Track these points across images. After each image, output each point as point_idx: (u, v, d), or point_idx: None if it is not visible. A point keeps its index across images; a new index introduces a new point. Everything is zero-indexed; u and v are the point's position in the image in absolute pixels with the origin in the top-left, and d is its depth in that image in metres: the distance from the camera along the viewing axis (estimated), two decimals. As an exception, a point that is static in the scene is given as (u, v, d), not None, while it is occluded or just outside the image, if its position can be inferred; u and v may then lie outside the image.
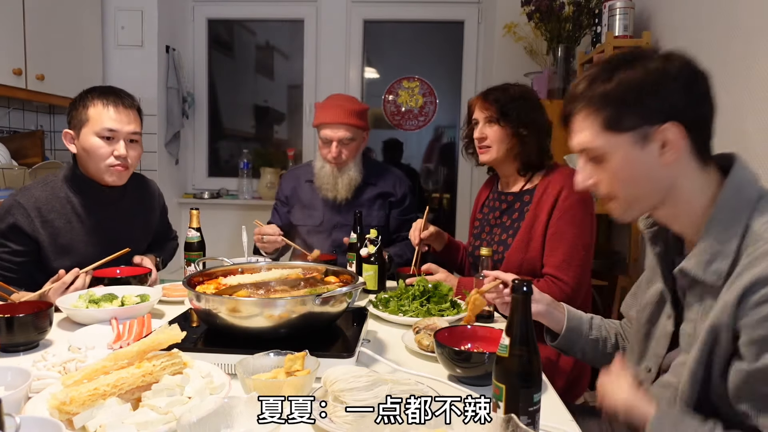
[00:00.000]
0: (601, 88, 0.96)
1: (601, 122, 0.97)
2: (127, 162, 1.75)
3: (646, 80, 0.93)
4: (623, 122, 0.95)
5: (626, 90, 0.95)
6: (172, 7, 3.68)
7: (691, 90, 0.94)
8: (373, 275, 1.84)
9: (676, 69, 0.94)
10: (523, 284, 0.89)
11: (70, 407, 0.88)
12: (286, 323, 1.17)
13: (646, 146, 0.95)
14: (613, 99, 0.95)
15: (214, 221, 3.72)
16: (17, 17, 2.57)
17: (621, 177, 0.99)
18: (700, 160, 0.97)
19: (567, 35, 3.09)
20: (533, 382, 0.88)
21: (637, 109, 0.94)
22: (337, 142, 2.24)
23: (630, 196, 1.01)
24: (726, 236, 0.92)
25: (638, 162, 0.96)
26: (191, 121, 3.95)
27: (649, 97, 0.94)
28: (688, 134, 0.94)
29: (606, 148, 0.98)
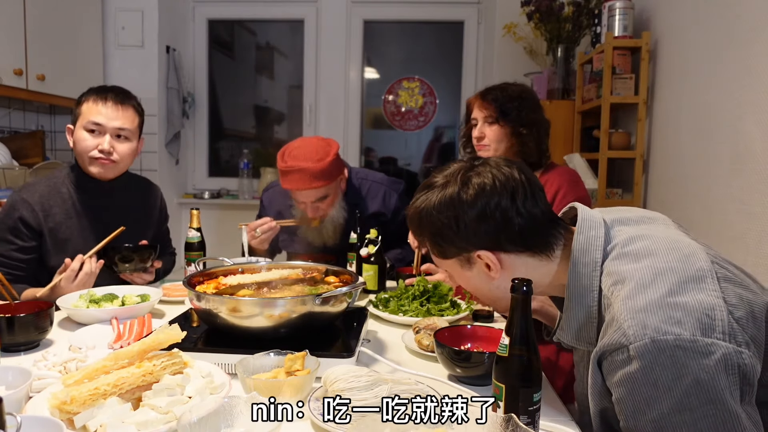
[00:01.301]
0: (416, 227, 1.04)
1: (431, 249, 1.05)
2: (111, 156, 1.75)
3: (446, 224, 0.98)
4: (444, 253, 1.03)
5: (433, 229, 1.00)
6: (172, 7, 3.68)
7: (488, 218, 0.96)
8: (373, 275, 1.84)
9: (471, 204, 0.96)
10: (523, 284, 0.89)
11: (71, 407, 0.88)
12: (286, 323, 1.17)
13: (473, 266, 1.02)
14: (427, 237, 1.03)
15: (215, 221, 3.73)
16: (18, 17, 2.57)
17: (470, 288, 1.08)
18: (537, 255, 0.99)
19: (567, 35, 3.09)
20: (533, 381, 0.88)
21: (447, 245, 1.01)
22: (310, 204, 2.07)
23: (486, 300, 1.10)
24: (584, 304, 0.94)
25: (473, 278, 1.04)
26: (191, 122, 3.95)
27: (451, 237, 0.99)
28: (504, 251, 0.98)
29: (445, 267, 1.07)
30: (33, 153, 2.89)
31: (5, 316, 1.24)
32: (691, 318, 0.80)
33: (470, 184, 0.97)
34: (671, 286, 0.84)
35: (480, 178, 0.97)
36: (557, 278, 1.00)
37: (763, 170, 1.80)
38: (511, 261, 0.99)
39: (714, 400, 0.78)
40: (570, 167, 1.93)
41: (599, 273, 0.93)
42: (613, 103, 2.63)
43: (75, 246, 1.75)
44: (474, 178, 0.97)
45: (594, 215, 1.00)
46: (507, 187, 0.97)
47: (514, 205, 0.96)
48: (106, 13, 3.44)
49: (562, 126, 2.98)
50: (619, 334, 0.83)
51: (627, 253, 0.92)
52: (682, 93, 2.36)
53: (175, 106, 3.66)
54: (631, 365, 0.82)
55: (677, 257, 0.89)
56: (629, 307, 0.84)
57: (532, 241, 0.99)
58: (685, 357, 0.79)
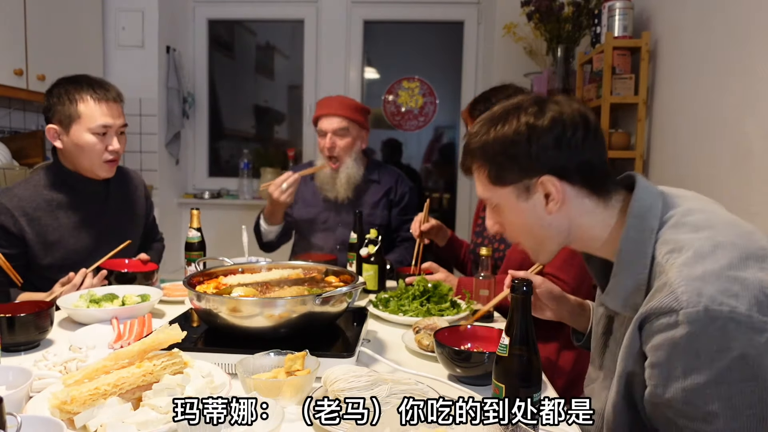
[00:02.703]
0: (481, 145, 1.01)
1: (485, 176, 1.02)
2: (119, 155, 1.78)
3: (517, 137, 0.96)
4: (504, 177, 1.00)
5: (500, 147, 0.98)
6: (172, 7, 3.68)
7: (563, 141, 0.95)
8: (373, 275, 1.84)
9: (547, 121, 0.95)
10: (523, 284, 0.89)
11: (71, 406, 0.88)
12: (286, 323, 1.17)
13: (530, 197, 0.99)
14: (490, 156, 1.00)
15: (215, 221, 3.72)
16: (18, 18, 2.57)
17: (516, 227, 1.04)
18: (596, 198, 0.99)
19: (566, 36, 3.09)
20: (533, 381, 0.88)
21: (512, 165, 0.98)
22: (331, 133, 2.27)
23: (530, 242, 1.05)
24: (635, 271, 0.93)
25: (526, 212, 1.00)
26: (192, 122, 3.95)
27: (520, 154, 0.96)
28: (570, 182, 0.96)
29: (495, 199, 1.03)
30: (33, 153, 2.89)
31: (5, 316, 1.24)
32: (748, 294, 0.80)
33: (547, 111, 0.96)
34: (731, 260, 0.84)
35: (558, 107, 0.97)
36: (610, 240, 0.99)
37: (763, 170, 1.80)
38: (572, 196, 0.97)
39: (756, 376, 0.79)
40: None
41: (653, 241, 0.92)
42: (613, 103, 2.63)
43: (67, 246, 1.74)
44: (551, 106, 0.97)
45: (651, 185, 0.99)
46: (583, 119, 0.97)
47: (587, 138, 0.96)
48: (106, 13, 3.44)
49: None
50: (671, 299, 0.82)
51: (686, 223, 0.92)
52: (682, 93, 2.36)
53: (175, 106, 3.66)
54: (677, 330, 0.81)
55: (738, 233, 0.89)
56: (685, 274, 0.83)
57: (597, 180, 0.98)
58: (736, 330, 0.78)
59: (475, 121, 1.05)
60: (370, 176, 2.39)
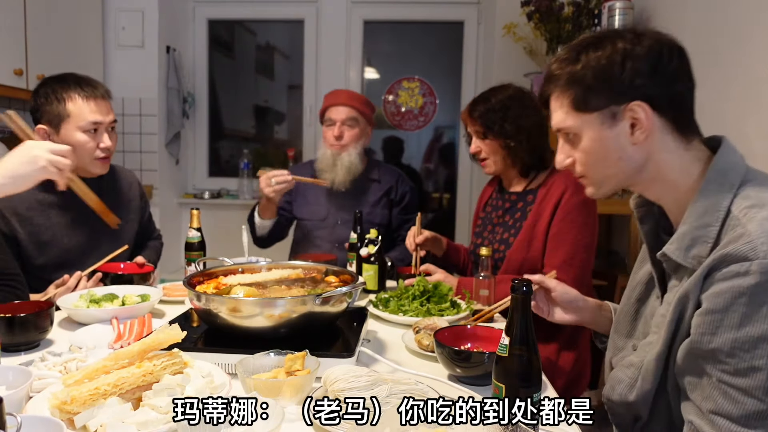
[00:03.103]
0: (569, 69, 0.98)
1: (570, 102, 0.99)
2: (110, 152, 1.78)
3: (612, 60, 0.94)
4: (590, 102, 0.97)
5: (592, 70, 0.95)
6: (172, 7, 3.68)
7: (659, 68, 0.93)
8: (373, 275, 1.84)
9: (644, 48, 0.94)
10: (523, 284, 0.89)
11: (71, 407, 0.88)
12: (286, 323, 1.17)
13: (616, 125, 0.96)
14: (579, 79, 0.97)
15: (215, 221, 3.72)
16: (18, 18, 2.57)
17: (593, 156, 1.01)
18: (679, 137, 0.97)
19: (566, 35, 3.08)
20: (533, 381, 0.88)
21: (603, 89, 0.95)
22: (340, 122, 2.30)
23: (601, 174, 1.03)
24: (707, 221, 0.92)
25: (608, 141, 0.98)
26: (192, 122, 3.95)
27: (613, 77, 0.94)
28: (659, 113, 0.94)
29: (577, 128, 1.00)
30: (33, 153, 2.89)
31: (5, 316, 1.24)
32: None
33: (644, 37, 0.95)
34: None
35: (656, 35, 0.96)
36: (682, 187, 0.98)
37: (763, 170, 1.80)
38: (658, 129, 0.96)
39: None
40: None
41: (732, 196, 0.92)
42: (613, 103, 2.63)
43: (60, 245, 1.74)
44: (649, 33, 0.96)
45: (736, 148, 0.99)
46: (679, 49, 0.96)
47: (682, 70, 0.95)
48: (106, 13, 3.44)
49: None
50: (748, 248, 0.82)
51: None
52: (682, 93, 2.36)
53: (175, 106, 3.65)
54: (746, 279, 0.82)
55: None
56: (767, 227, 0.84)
57: (683, 119, 0.97)
58: None
59: (561, 49, 1.03)
60: (370, 175, 2.39)
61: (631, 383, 1.01)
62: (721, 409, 0.85)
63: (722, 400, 0.85)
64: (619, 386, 1.04)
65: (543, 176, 1.86)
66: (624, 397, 1.02)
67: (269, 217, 2.30)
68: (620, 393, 1.03)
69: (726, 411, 0.85)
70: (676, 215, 1.01)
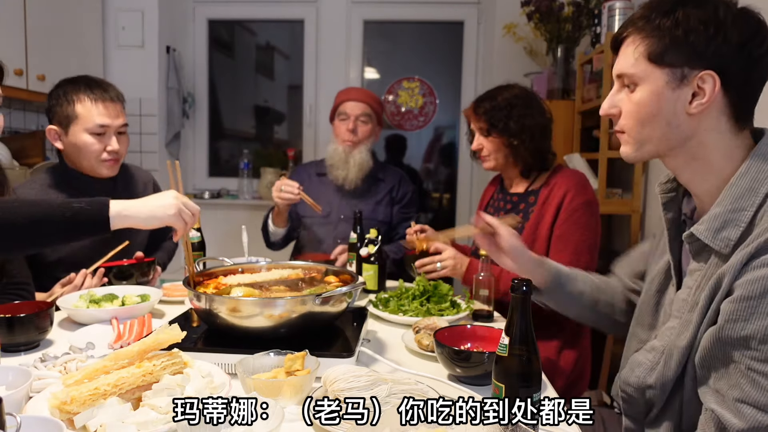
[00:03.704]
0: (660, 18, 0.94)
1: (645, 50, 0.95)
2: (118, 155, 1.78)
3: (705, 23, 0.91)
4: (666, 56, 0.94)
5: (681, 26, 0.92)
6: (172, 7, 3.68)
7: (747, 47, 0.91)
8: (373, 275, 1.84)
9: (741, 22, 0.91)
10: (523, 284, 0.89)
11: (71, 407, 0.88)
12: (286, 323, 1.17)
13: (679, 88, 0.94)
14: (665, 31, 0.93)
15: (215, 221, 3.72)
16: (18, 17, 2.57)
17: (643, 111, 0.98)
18: (733, 122, 0.96)
19: (567, 36, 3.09)
20: (533, 381, 0.88)
21: (684, 47, 0.92)
22: (354, 117, 2.33)
23: (641, 134, 0.99)
24: (742, 205, 0.92)
25: (665, 101, 0.95)
26: (191, 122, 3.95)
27: (699, 40, 0.91)
28: (726, 91, 0.93)
29: (641, 76, 0.97)
30: (33, 153, 2.89)
31: (5, 316, 1.24)
32: None
33: (746, 14, 0.93)
34: None
35: (757, 16, 0.93)
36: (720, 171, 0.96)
37: (763, 170, 1.79)
38: (717, 106, 0.94)
39: None
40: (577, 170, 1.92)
41: None
42: (613, 103, 2.63)
43: (73, 246, 1.74)
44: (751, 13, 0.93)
45: None
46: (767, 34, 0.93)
47: (766, 59, 0.93)
48: (106, 13, 3.44)
49: (562, 126, 2.98)
50: None
51: None
52: (682, 93, 2.36)
53: (175, 106, 3.66)
54: None
55: None
56: None
57: (745, 106, 0.96)
58: None
59: None
60: (376, 174, 2.42)
61: (651, 366, 1.01)
62: (748, 397, 0.85)
63: (749, 388, 0.85)
64: (638, 369, 1.03)
65: (544, 177, 1.86)
66: (643, 380, 1.02)
67: (280, 225, 2.33)
68: (639, 375, 1.03)
69: (753, 399, 0.84)
70: (705, 199, 1.00)
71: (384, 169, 2.51)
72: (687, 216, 1.07)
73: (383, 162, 2.65)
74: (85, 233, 1.27)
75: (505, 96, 1.81)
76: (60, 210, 1.21)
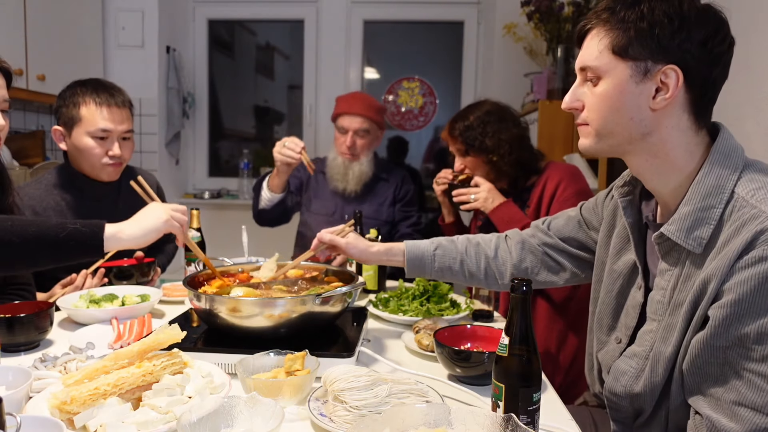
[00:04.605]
0: (625, 11, 0.94)
1: (609, 43, 0.95)
2: (121, 160, 1.77)
3: (669, 17, 0.91)
4: (630, 49, 0.93)
5: (646, 19, 0.92)
6: (172, 7, 3.68)
7: (709, 45, 0.91)
8: (373, 275, 1.84)
9: (705, 19, 0.92)
10: (523, 284, 0.89)
11: (71, 407, 0.88)
12: (286, 323, 1.17)
13: (643, 82, 0.94)
14: (629, 24, 0.93)
15: (215, 221, 3.72)
16: (18, 18, 2.57)
17: (606, 104, 0.97)
18: (693, 120, 0.96)
19: (567, 36, 3.09)
20: (533, 381, 0.88)
21: (648, 41, 0.92)
22: (353, 132, 2.31)
23: (605, 126, 0.99)
24: (710, 203, 0.92)
25: (628, 95, 0.95)
26: (192, 122, 3.95)
27: (664, 34, 0.91)
28: (688, 87, 0.93)
29: (604, 69, 0.96)
30: (33, 153, 2.89)
31: (5, 316, 1.24)
32: None
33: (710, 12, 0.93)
34: None
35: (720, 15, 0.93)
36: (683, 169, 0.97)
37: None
38: (679, 103, 0.94)
39: None
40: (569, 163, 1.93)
41: (736, 178, 0.92)
42: (613, 103, 2.63)
43: None
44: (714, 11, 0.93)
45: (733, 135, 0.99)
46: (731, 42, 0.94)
47: (727, 56, 0.94)
48: (106, 13, 3.44)
49: (562, 126, 2.98)
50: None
51: None
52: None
53: (175, 106, 3.66)
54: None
55: None
56: None
57: (705, 103, 0.95)
58: None
59: None
60: (380, 174, 2.42)
61: (636, 374, 1.01)
62: (745, 399, 0.84)
63: (746, 390, 0.84)
64: (623, 378, 1.03)
65: (535, 178, 1.88)
66: (629, 389, 1.02)
67: (275, 190, 2.24)
68: (624, 384, 1.02)
69: (750, 400, 0.84)
70: (668, 199, 1.00)
71: (387, 169, 2.50)
72: (649, 219, 1.07)
73: (387, 161, 2.63)
74: (78, 255, 1.25)
75: (477, 114, 1.85)
76: (54, 230, 1.20)
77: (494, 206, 1.79)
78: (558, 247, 1.32)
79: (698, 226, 0.92)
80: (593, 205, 1.27)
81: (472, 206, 1.84)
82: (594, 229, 1.26)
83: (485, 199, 1.81)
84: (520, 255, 1.35)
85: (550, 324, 1.80)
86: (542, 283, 1.35)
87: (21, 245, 1.17)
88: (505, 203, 1.81)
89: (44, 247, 1.19)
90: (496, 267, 1.37)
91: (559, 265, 1.33)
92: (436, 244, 1.39)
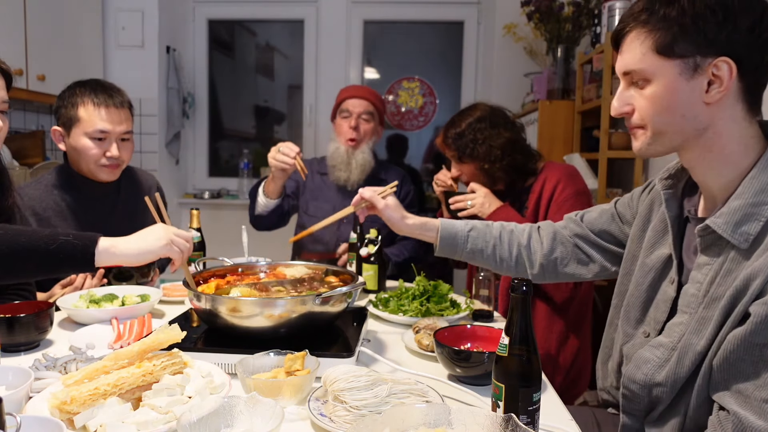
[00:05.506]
0: (664, 9, 0.91)
1: (653, 44, 0.93)
2: (119, 161, 1.77)
3: (712, 9, 0.89)
4: (676, 48, 0.91)
5: (687, 14, 0.89)
6: (172, 7, 3.68)
7: (757, 31, 0.89)
8: (373, 275, 1.84)
9: (748, 5, 0.90)
10: (523, 284, 0.89)
11: (71, 407, 0.88)
12: (286, 323, 1.17)
13: (693, 78, 0.92)
14: (671, 21, 0.91)
15: (215, 221, 3.73)
16: (18, 18, 2.57)
17: (658, 105, 0.95)
18: (748, 108, 0.94)
19: (567, 35, 3.09)
20: (533, 381, 0.88)
21: (694, 36, 0.89)
22: (357, 115, 2.32)
23: (661, 127, 0.97)
24: (763, 199, 0.90)
25: (680, 93, 0.93)
26: (192, 122, 3.96)
27: (709, 27, 0.89)
28: (742, 77, 0.91)
29: (651, 71, 0.94)
30: (33, 153, 2.89)
31: (5, 316, 1.24)
32: None
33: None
34: None
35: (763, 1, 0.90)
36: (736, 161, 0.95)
37: None
38: (733, 93, 0.92)
39: None
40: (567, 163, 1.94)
41: None
42: (613, 103, 2.63)
43: None
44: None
45: None
46: None
47: None
48: (106, 13, 3.44)
49: (562, 126, 2.98)
50: None
51: None
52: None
53: (175, 106, 3.66)
54: None
55: None
56: None
57: (759, 90, 0.93)
58: None
59: None
60: (378, 175, 2.42)
61: (660, 363, 0.99)
62: None
63: None
64: (645, 366, 1.01)
65: (533, 180, 1.88)
66: (650, 377, 1.00)
67: (271, 196, 2.22)
68: (646, 372, 1.01)
69: None
70: (718, 194, 0.98)
71: (386, 169, 2.50)
72: (691, 213, 1.06)
73: (385, 161, 2.63)
74: (67, 268, 1.22)
75: (468, 121, 1.85)
76: (44, 241, 1.16)
77: (491, 211, 1.79)
78: (589, 239, 1.32)
79: (747, 222, 0.90)
80: (629, 200, 1.27)
81: (470, 212, 1.84)
82: (627, 223, 1.26)
83: (482, 204, 1.81)
84: (551, 245, 1.35)
85: (550, 324, 1.80)
86: (570, 275, 1.35)
87: (9, 255, 1.14)
88: (502, 207, 1.81)
89: (33, 259, 1.16)
90: (527, 256, 1.37)
91: (589, 257, 1.32)
92: (470, 226, 1.40)
